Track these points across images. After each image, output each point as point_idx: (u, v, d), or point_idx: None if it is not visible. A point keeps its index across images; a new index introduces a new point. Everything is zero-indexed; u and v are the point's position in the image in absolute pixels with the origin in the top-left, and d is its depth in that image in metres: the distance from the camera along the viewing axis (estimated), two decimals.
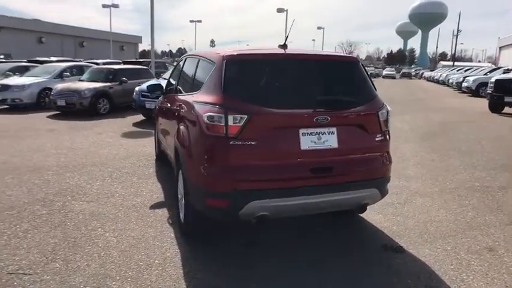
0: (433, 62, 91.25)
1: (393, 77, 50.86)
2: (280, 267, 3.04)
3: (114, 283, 2.77)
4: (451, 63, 54.53)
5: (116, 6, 39.55)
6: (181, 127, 3.49)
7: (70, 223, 3.76)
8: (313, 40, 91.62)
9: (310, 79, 3.14)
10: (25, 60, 18.68)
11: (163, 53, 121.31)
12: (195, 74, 3.79)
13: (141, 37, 73.80)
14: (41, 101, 12.04)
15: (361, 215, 4.10)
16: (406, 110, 13.87)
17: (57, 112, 11.20)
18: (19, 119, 10.30)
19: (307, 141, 2.90)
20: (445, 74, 31.97)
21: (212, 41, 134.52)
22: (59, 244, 3.32)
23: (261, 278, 2.88)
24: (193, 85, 3.70)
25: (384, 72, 53.49)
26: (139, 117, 10.50)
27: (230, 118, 2.77)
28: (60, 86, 11.33)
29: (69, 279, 2.79)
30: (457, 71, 30.92)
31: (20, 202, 4.27)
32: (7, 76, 13.61)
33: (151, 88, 5.49)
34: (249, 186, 2.82)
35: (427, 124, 10.79)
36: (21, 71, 14.35)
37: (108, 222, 3.81)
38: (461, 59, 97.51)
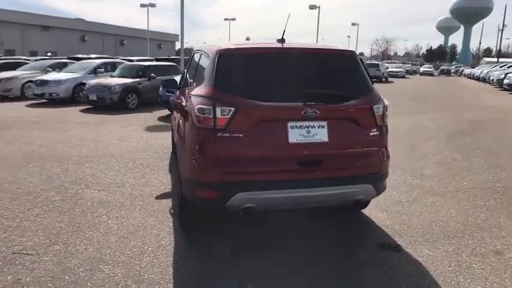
0: (476, 59, 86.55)
1: (431, 74, 48.87)
2: (271, 262, 3.04)
3: (106, 267, 2.90)
4: (495, 59, 51.54)
5: (153, 5, 40.63)
6: (180, 120, 3.57)
7: (78, 209, 3.96)
8: (349, 37, 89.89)
9: (303, 73, 3.12)
10: (65, 57, 19.70)
11: None
12: (197, 68, 3.87)
13: (178, 35, 74.95)
14: (76, 95, 12.65)
15: (364, 212, 4.04)
16: (437, 108, 13.32)
17: (90, 106, 11.73)
18: (54, 112, 10.89)
19: (296, 134, 2.88)
20: (485, 71, 30.33)
21: (247, 39, 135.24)
22: (63, 228, 3.51)
23: (248, 272, 2.90)
24: (195, 79, 3.78)
25: (422, 69, 51.47)
26: (166, 112, 10.77)
27: (218, 110, 2.81)
28: (92, 81, 11.86)
29: (65, 261, 2.95)
30: (500, 67, 29.20)
31: (37, 188, 4.54)
32: (47, 72, 14.40)
33: (165, 83, 5.63)
34: (236, 178, 2.84)
35: (456, 122, 10.31)
36: (61, 67, 15.13)
37: (114, 209, 3.97)
38: (507, 55, 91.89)
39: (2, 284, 2.65)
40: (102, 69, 13.69)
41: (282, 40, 3.41)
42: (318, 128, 2.92)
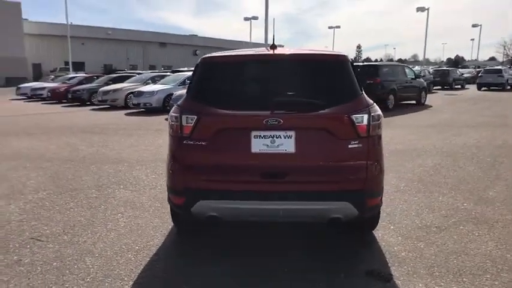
0: None
1: None
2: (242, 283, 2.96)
3: (90, 259, 3.18)
4: None
5: (255, 18, 42.63)
6: None
7: (103, 207, 4.41)
8: (472, 40, 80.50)
9: (278, 80, 2.98)
10: (170, 71, 21.94)
11: None
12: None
13: (283, 46, 77.61)
14: (166, 105, 13.98)
15: (376, 233, 3.63)
16: None
17: None
18: (143, 120, 12.22)
19: (259, 144, 2.77)
20: None
21: (359, 46, 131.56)
22: (81, 222, 3.96)
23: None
24: None
25: None
26: None
27: (184, 118, 2.88)
28: (177, 92, 12.96)
29: (62, 250, 3.33)
30: None
31: (84, 186, 5.19)
32: (146, 84, 16.25)
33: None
34: (199, 186, 2.86)
35: None
36: (160, 79, 16.92)
37: (132, 209, 4.32)
38: None
39: (6, 261, 3.12)
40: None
41: (273, 47, 3.31)
42: (284, 138, 2.76)
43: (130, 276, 2.92)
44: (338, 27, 56.06)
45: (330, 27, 56.16)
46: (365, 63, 17.66)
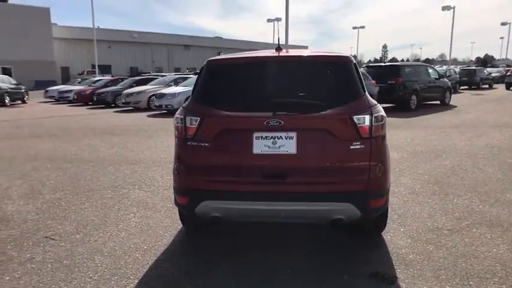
0: None
1: None
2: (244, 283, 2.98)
3: (99, 258, 3.28)
4: None
5: (279, 19, 42.63)
6: None
7: (117, 207, 4.53)
8: (501, 38, 77.73)
9: (281, 82, 2.98)
10: (192, 73, 22.25)
11: None
12: None
13: (307, 47, 77.34)
14: None
15: (385, 235, 3.57)
16: None
17: None
18: (163, 121, 12.46)
19: (261, 145, 2.78)
20: None
21: (384, 46, 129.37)
22: (94, 221, 4.08)
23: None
24: None
25: None
26: None
27: (188, 120, 2.94)
28: None
29: (73, 249, 3.45)
30: None
31: (100, 186, 5.35)
32: (169, 86, 16.54)
33: None
34: (202, 186, 2.91)
35: None
36: (181, 81, 17.19)
37: (144, 209, 4.42)
38: None
39: (19, 259, 3.26)
40: None
41: (278, 49, 3.32)
42: (286, 139, 2.77)
43: (136, 275, 2.99)
44: (362, 27, 55.34)
45: (354, 28, 55.47)
46: (386, 64, 17.35)
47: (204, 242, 3.59)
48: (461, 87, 25.90)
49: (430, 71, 15.36)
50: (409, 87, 13.68)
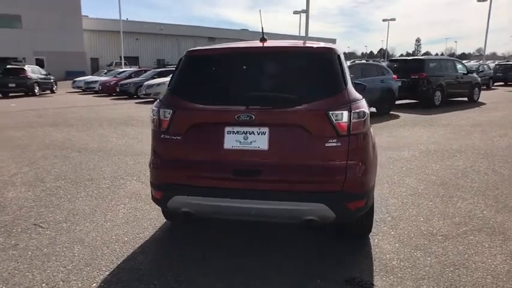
0: None
1: None
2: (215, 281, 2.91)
3: (79, 247, 3.30)
4: None
5: (305, 11, 41.95)
6: None
7: (110, 197, 4.56)
8: None
9: (259, 74, 2.85)
10: None
11: (363, 55, 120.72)
12: None
13: (335, 40, 75.83)
14: None
15: (372, 238, 3.40)
16: None
17: None
18: None
19: (232, 140, 2.68)
20: None
21: (418, 40, 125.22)
22: (84, 211, 4.12)
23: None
24: None
25: None
26: None
27: (161, 112, 2.87)
28: None
29: (57, 237, 3.49)
30: None
31: (101, 176, 5.41)
32: None
33: None
34: (174, 181, 2.85)
35: None
36: None
37: (135, 200, 4.42)
38: None
39: (4, 245, 3.33)
40: None
41: (263, 39, 3.20)
42: (258, 134, 2.65)
43: (109, 267, 2.98)
44: (393, 19, 53.65)
45: (384, 20, 53.91)
46: (410, 57, 16.70)
47: (184, 238, 3.55)
48: (495, 84, 24.61)
49: (458, 65, 14.63)
50: (434, 83, 13.09)
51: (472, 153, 6.60)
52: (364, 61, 12.04)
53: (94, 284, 2.75)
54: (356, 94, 2.86)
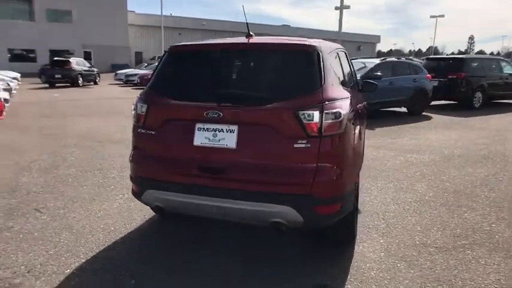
0: None
1: None
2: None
3: (66, 234, 3.42)
4: None
5: (346, 7, 40.92)
6: None
7: (113, 187, 4.70)
8: None
9: (235, 71, 2.80)
10: None
11: (411, 52, 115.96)
12: None
13: (379, 36, 73.29)
14: None
15: (357, 246, 3.24)
16: None
17: None
18: None
19: (201, 137, 2.65)
20: None
21: (471, 38, 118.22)
22: (83, 199, 4.28)
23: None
24: None
25: None
26: None
27: (139, 107, 2.90)
28: None
29: (50, 223, 3.64)
30: None
31: (111, 166, 5.59)
32: None
33: None
34: (148, 175, 2.87)
35: None
36: None
37: None
38: None
39: (2, 226, 3.53)
40: None
41: (248, 35, 3.13)
42: (227, 132, 2.60)
43: (87, 255, 3.07)
44: (442, 16, 51.02)
45: (432, 17, 51.36)
46: (448, 56, 15.77)
47: (168, 231, 3.59)
48: None
49: (504, 65, 13.61)
50: (474, 83, 12.27)
51: (500, 161, 6.12)
52: (395, 59, 11.48)
53: (68, 270, 2.85)
54: (338, 94, 2.72)
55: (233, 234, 3.50)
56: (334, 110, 2.55)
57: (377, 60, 10.86)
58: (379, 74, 10.02)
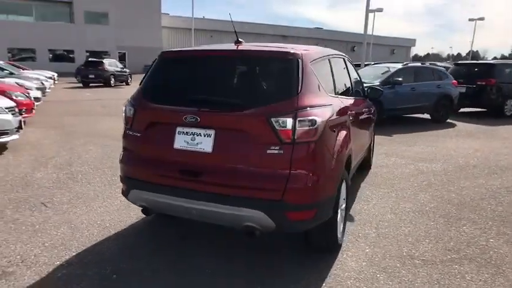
0: None
1: None
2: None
3: (64, 228, 3.62)
4: None
5: (379, 10, 40.14)
6: None
7: (119, 185, 4.82)
8: None
9: (216, 77, 2.87)
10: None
11: (449, 56, 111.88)
12: None
13: (414, 40, 71.20)
14: None
15: (341, 254, 3.23)
16: None
17: None
18: None
19: (181, 140, 2.75)
20: None
21: None
22: (88, 195, 4.50)
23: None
24: None
25: None
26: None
27: (127, 109, 3.04)
28: None
29: (52, 216, 3.87)
30: None
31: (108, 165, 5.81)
32: None
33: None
34: (133, 175, 3.00)
35: None
36: None
37: None
38: None
39: (6, 218, 3.78)
40: None
41: (237, 42, 3.21)
42: (204, 136, 2.68)
43: (78, 249, 3.24)
44: (481, 19, 48.80)
45: (470, 20, 49.31)
46: (478, 62, 15.11)
47: (159, 229, 3.71)
48: None
49: None
50: (505, 90, 11.72)
51: None
52: (419, 64, 11.15)
53: (57, 262, 3.02)
54: (318, 101, 2.73)
55: (221, 234, 3.57)
56: (309, 118, 2.57)
57: (400, 66, 10.62)
58: (399, 79, 9.82)
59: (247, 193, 2.59)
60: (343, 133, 3.14)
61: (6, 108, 6.35)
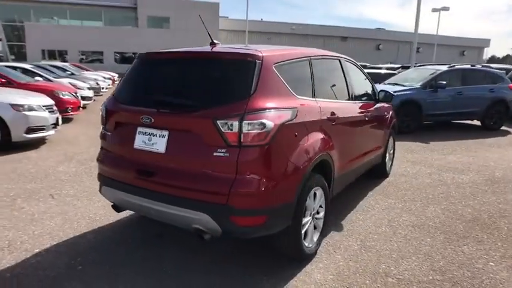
0: None
1: None
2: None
3: (59, 218, 3.87)
4: None
5: (446, 9, 37.67)
6: None
7: None
8: None
9: (181, 78, 2.87)
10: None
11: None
12: None
13: (488, 40, 65.52)
14: None
15: (311, 264, 3.08)
16: None
17: None
18: None
19: (140, 140, 2.81)
20: None
21: None
22: (93, 189, 4.75)
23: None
24: None
25: None
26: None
27: (102, 109, 3.17)
28: None
29: (53, 207, 4.15)
30: None
31: None
32: None
33: None
34: (104, 173, 3.13)
35: None
36: None
37: None
38: None
39: (16, 207, 4.14)
40: None
41: (212, 43, 3.21)
42: (159, 137, 2.71)
43: (61, 239, 3.44)
44: None
45: None
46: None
47: (141, 225, 3.80)
48: None
49: None
50: None
51: None
52: (469, 66, 10.17)
53: (37, 250, 3.25)
54: (275, 104, 2.63)
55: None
56: (258, 121, 2.48)
57: (446, 68, 9.83)
58: (443, 82, 9.11)
59: (195, 195, 2.57)
60: (313, 137, 2.99)
61: (44, 106, 6.94)
